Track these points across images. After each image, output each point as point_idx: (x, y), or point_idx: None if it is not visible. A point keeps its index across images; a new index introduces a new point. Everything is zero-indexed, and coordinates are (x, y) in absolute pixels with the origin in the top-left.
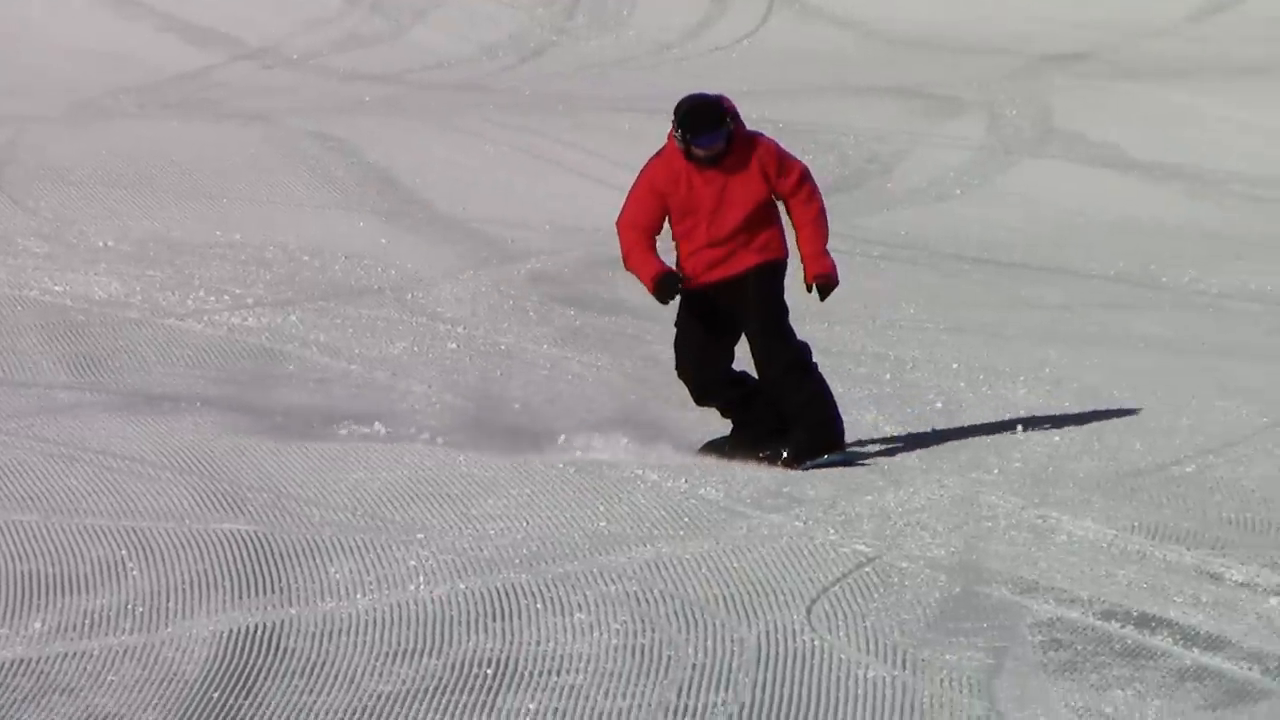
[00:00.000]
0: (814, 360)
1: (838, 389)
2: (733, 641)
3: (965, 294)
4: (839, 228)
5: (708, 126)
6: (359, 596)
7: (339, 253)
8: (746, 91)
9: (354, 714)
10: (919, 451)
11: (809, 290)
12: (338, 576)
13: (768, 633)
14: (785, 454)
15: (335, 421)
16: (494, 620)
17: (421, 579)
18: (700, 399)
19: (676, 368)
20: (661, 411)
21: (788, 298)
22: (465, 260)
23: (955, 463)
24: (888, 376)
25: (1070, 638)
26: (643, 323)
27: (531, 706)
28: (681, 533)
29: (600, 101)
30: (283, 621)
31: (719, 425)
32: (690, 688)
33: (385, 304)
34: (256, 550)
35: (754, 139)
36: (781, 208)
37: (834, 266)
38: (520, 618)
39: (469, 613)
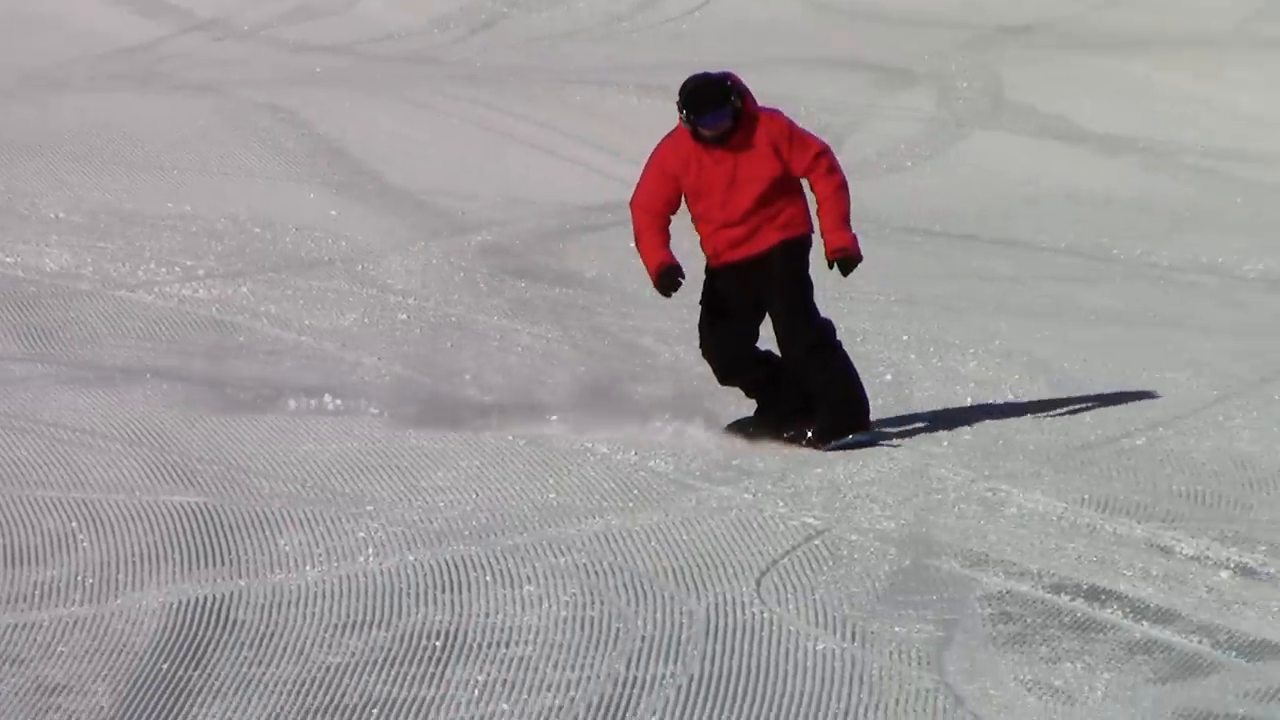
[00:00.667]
0: (838, 339)
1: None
2: (682, 614)
3: (916, 266)
4: None
5: (711, 106)
6: (308, 568)
7: (289, 224)
8: (697, 63)
9: (303, 685)
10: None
11: (830, 266)
12: (287, 548)
13: (717, 605)
14: (810, 434)
15: (285, 393)
16: (443, 592)
17: (371, 551)
18: (724, 379)
19: (700, 347)
20: (611, 384)
21: (812, 274)
22: (416, 232)
23: (904, 435)
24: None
25: (1020, 611)
26: (593, 294)
27: (480, 678)
28: (631, 505)
29: (551, 74)
30: (232, 593)
31: (674, 399)
32: (639, 659)
33: (335, 276)
34: (206, 522)
35: (764, 116)
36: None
37: (854, 241)
38: (469, 590)
39: (418, 585)
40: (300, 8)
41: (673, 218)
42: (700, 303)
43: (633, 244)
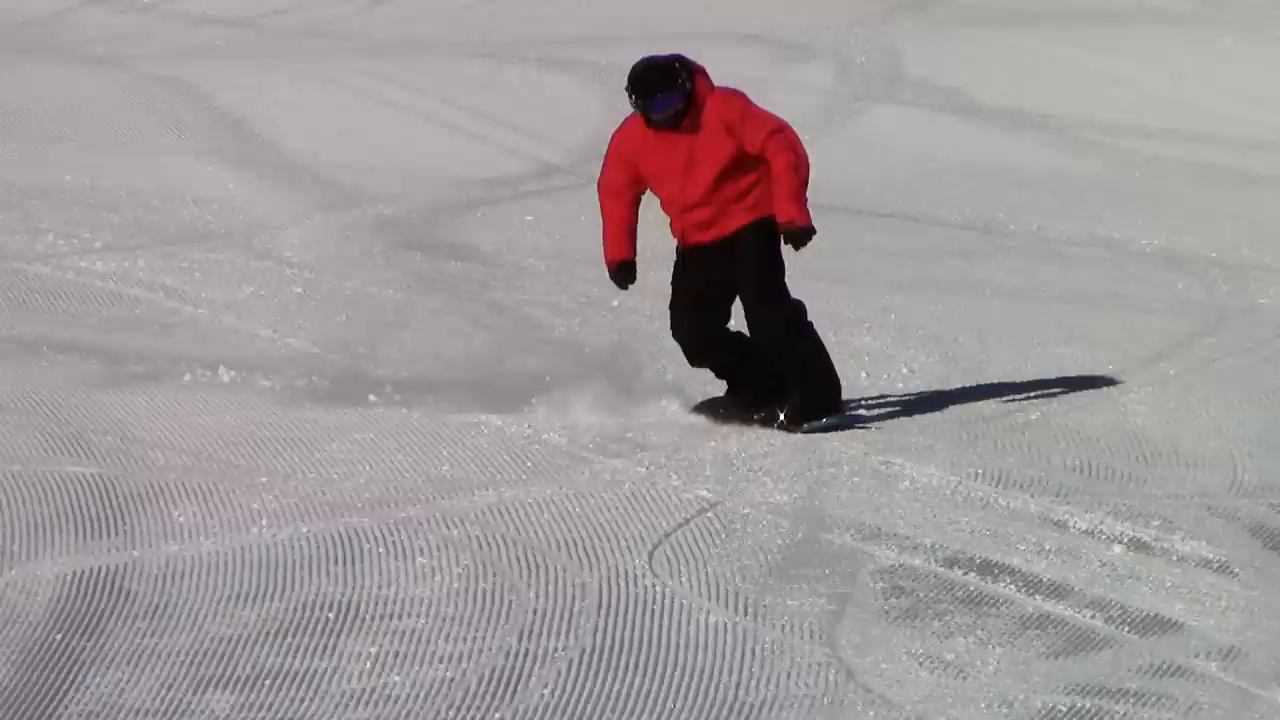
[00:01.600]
0: (809, 320)
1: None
2: (574, 586)
3: (813, 240)
4: None
5: (658, 89)
6: (203, 540)
7: (187, 197)
8: (596, 37)
9: (197, 656)
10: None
11: (784, 242)
12: (182, 520)
13: (609, 578)
14: (783, 417)
15: (181, 366)
16: (336, 564)
17: (265, 523)
18: (694, 360)
19: (671, 329)
20: (506, 356)
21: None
22: (312, 205)
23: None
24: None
25: (912, 585)
26: (489, 268)
27: (373, 650)
28: (524, 477)
29: (449, 47)
30: (126, 564)
31: (569, 373)
32: (531, 632)
33: (232, 248)
34: (101, 494)
35: (716, 96)
36: None
37: (802, 212)
38: (362, 562)
39: (312, 556)
40: None
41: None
42: (671, 283)
43: (529, 217)
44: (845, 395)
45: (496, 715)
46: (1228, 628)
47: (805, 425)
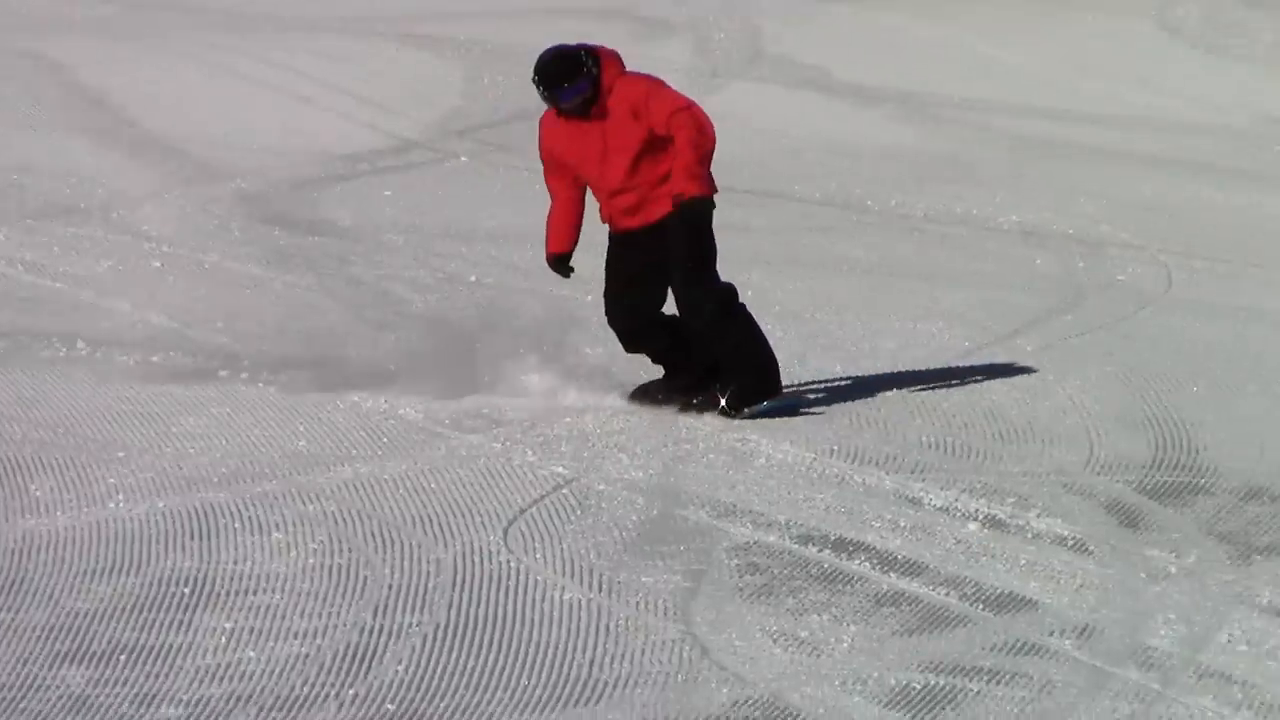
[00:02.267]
0: (740, 303)
1: (538, 313)
2: (429, 562)
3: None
4: None
5: (564, 79)
6: (59, 514)
7: (46, 171)
8: (457, 12)
9: (52, 631)
10: (618, 373)
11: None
12: (38, 494)
13: (464, 554)
14: (722, 402)
15: (39, 340)
16: (192, 539)
17: (121, 497)
18: (629, 347)
19: (605, 315)
20: (364, 331)
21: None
22: (171, 179)
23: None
24: (590, 299)
25: (767, 561)
26: (347, 243)
27: (228, 625)
28: (380, 453)
29: (308, 22)
30: None
31: (426, 348)
32: (386, 608)
33: (91, 223)
34: None
35: (624, 81)
36: None
37: (696, 185)
38: (218, 537)
39: (167, 531)
40: None
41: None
42: (605, 270)
43: (387, 192)
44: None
45: (351, 691)
46: (1082, 606)
47: (746, 410)
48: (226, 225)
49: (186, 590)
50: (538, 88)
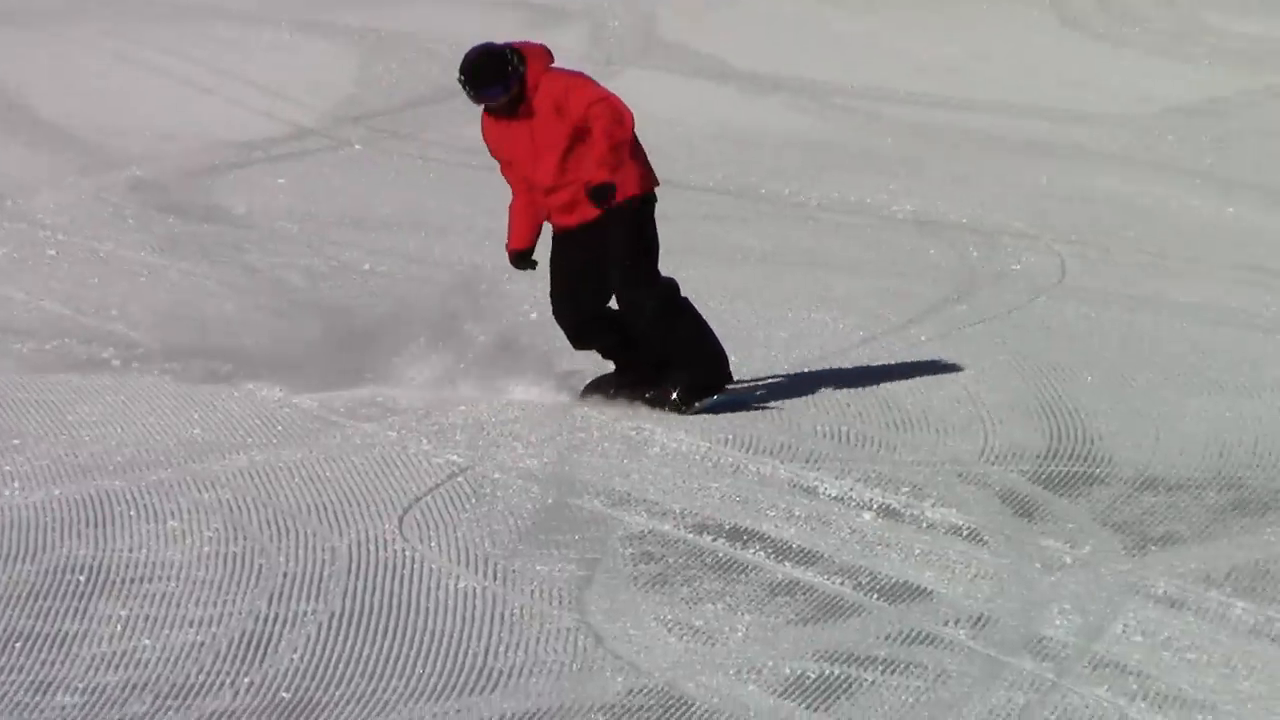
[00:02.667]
0: (684, 297)
1: (433, 301)
2: (324, 550)
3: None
4: (439, 138)
5: (488, 79)
6: None
7: None
8: (345, 2)
9: None
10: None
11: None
12: None
13: (359, 542)
14: (675, 396)
15: None
16: (88, 527)
17: (17, 485)
18: (577, 344)
19: (553, 313)
20: (259, 319)
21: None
22: (66, 167)
23: (550, 374)
24: (484, 286)
25: (662, 550)
26: (241, 231)
27: (123, 613)
28: (275, 441)
29: (201, 10)
30: None
31: (320, 335)
32: (281, 596)
33: None
34: None
35: (547, 78)
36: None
37: (603, 170)
38: (114, 524)
39: (63, 519)
40: None
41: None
42: (550, 267)
43: (282, 180)
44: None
45: (246, 679)
46: (977, 595)
47: (696, 404)
48: (121, 213)
49: (82, 578)
50: (464, 87)
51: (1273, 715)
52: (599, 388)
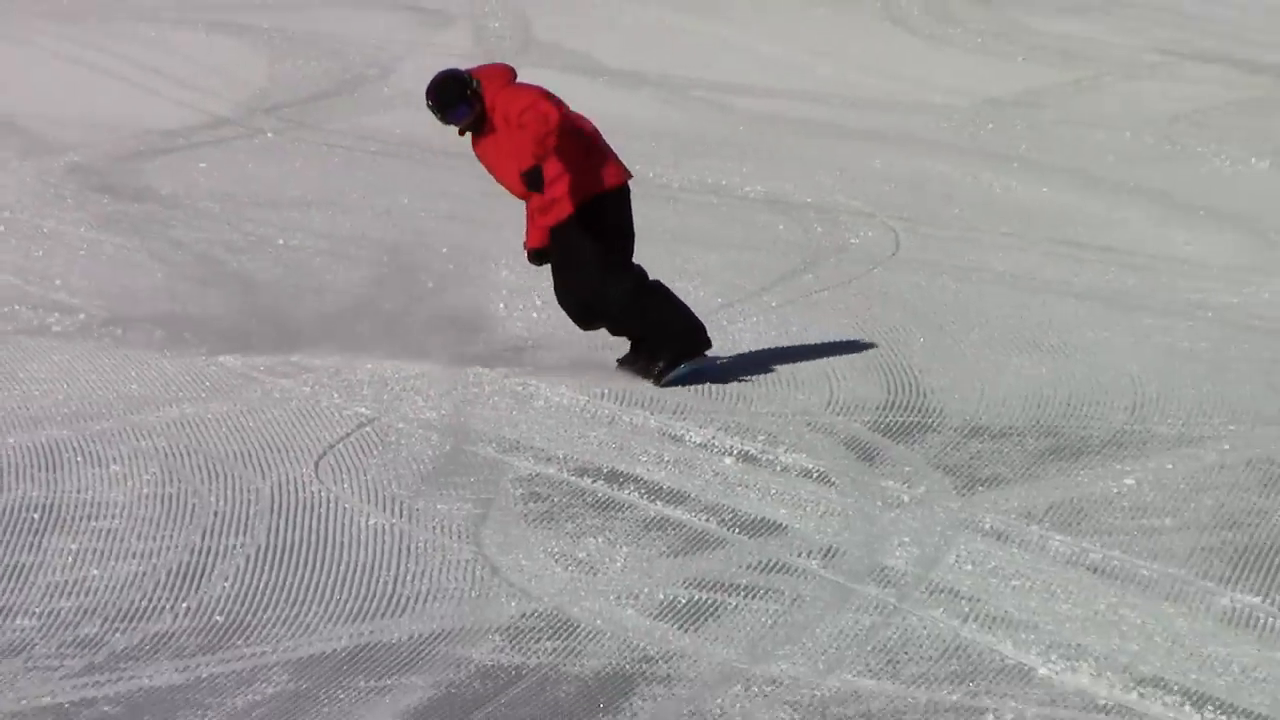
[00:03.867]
0: (653, 280)
1: (340, 272)
2: (249, 491)
3: (450, 184)
4: (343, 127)
5: (450, 102)
6: None
7: None
8: (255, 4)
9: None
10: (405, 332)
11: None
12: None
13: (280, 484)
14: (660, 368)
15: None
16: (40, 471)
17: None
18: (582, 325)
19: (557, 301)
20: (186, 289)
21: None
22: (10, 152)
23: (445, 336)
24: (385, 259)
25: (548, 491)
26: (168, 209)
27: (74, 547)
28: (204, 396)
29: (127, 12)
30: None
31: (240, 303)
32: (213, 531)
33: None
34: None
35: (502, 95)
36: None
37: (529, 160)
38: (63, 469)
39: (18, 464)
40: None
41: None
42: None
43: (203, 164)
44: (485, 327)
45: (184, 604)
46: (826, 530)
47: (668, 376)
48: (61, 194)
49: (36, 516)
50: (432, 111)
51: (1086, 633)
52: (628, 364)
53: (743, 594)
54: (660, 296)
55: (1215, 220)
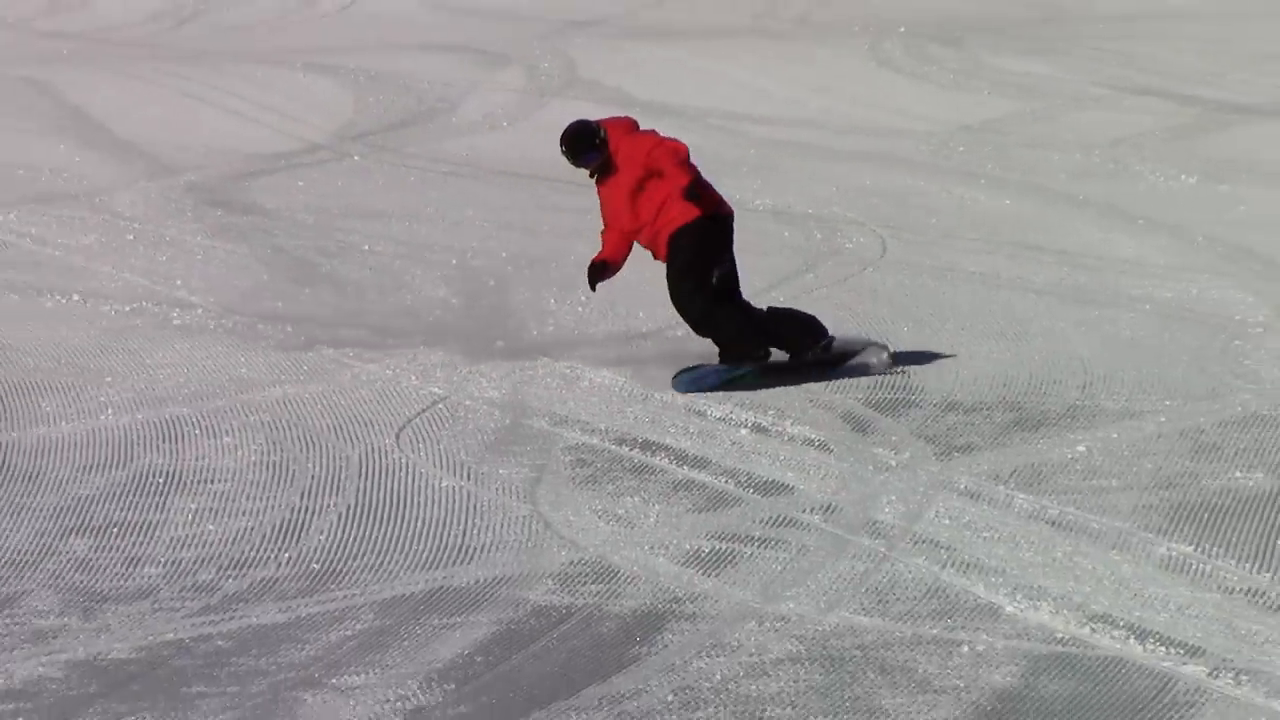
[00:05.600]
0: (731, 302)
1: (416, 273)
2: (341, 459)
3: (508, 199)
4: (417, 151)
5: (581, 149)
6: (64, 424)
7: (45, 168)
8: (349, 47)
9: (61, 511)
10: (471, 324)
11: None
12: (48, 409)
13: (367, 452)
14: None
15: (44, 293)
16: (164, 442)
17: (110, 411)
18: (698, 332)
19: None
20: (285, 288)
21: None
22: (139, 174)
23: (503, 329)
24: (454, 262)
25: (592, 458)
26: (271, 221)
27: (193, 506)
28: (302, 378)
29: (238, 56)
30: (7, 443)
31: (332, 301)
32: (310, 493)
33: (80, 206)
34: None
35: (625, 142)
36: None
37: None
38: (183, 440)
39: (145, 437)
40: (50, 5)
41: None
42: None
43: (300, 183)
44: (537, 320)
45: (285, 555)
46: (826, 490)
47: (734, 368)
48: (181, 208)
49: (161, 480)
50: (565, 156)
51: (1046, 577)
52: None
53: (756, 544)
54: (732, 306)
55: (1152, 227)
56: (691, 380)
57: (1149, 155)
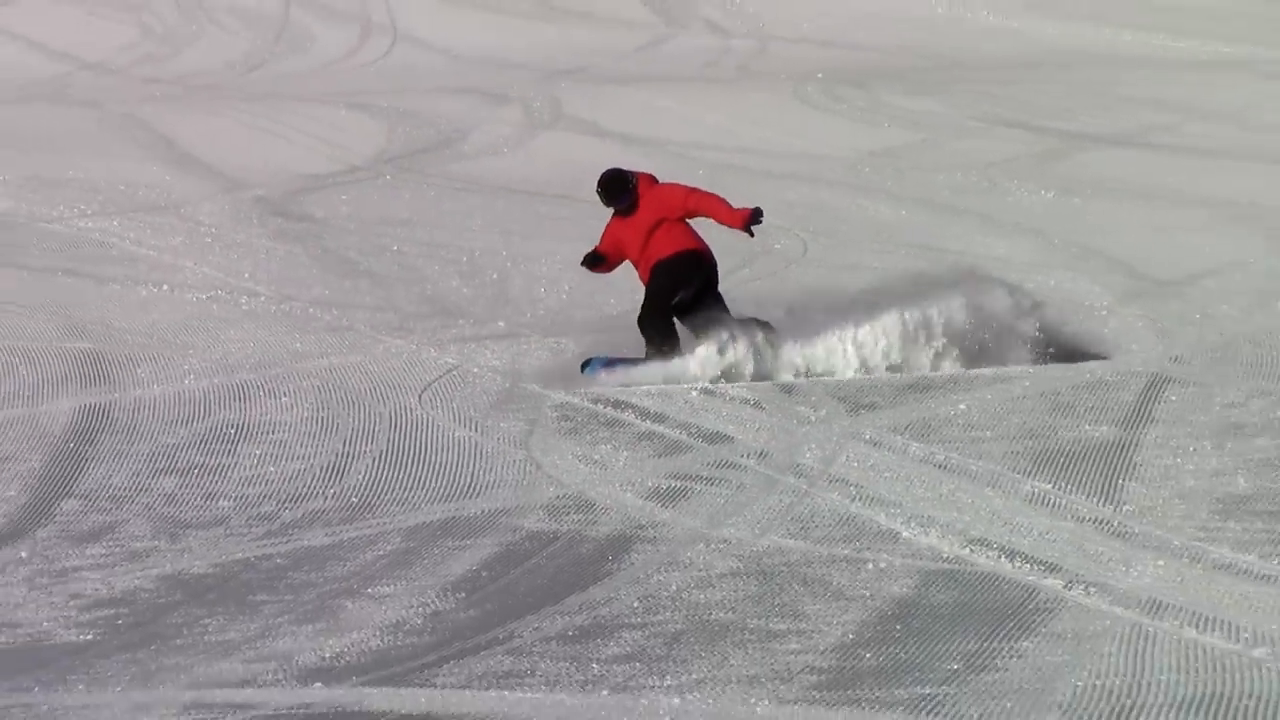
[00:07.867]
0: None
1: (435, 269)
2: (375, 415)
3: (508, 210)
4: (436, 171)
5: (616, 193)
6: (155, 386)
7: (141, 184)
8: (384, 89)
9: (153, 456)
10: (478, 308)
11: (751, 235)
12: (143, 375)
13: (396, 410)
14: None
15: (140, 283)
16: (234, 401)
17: (191, 376)
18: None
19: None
20: (332, 280)
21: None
22: (216, 189)
23: (503, 312)
24: (464, 260)
25: (573, 414)
26: (320, 227)
27: (257, 452)
28: (344, 350)
29: (297, 96)
30: (110, 401)
31: (376, 292)
32: (350, 441)
33: (168, 214)
34: (94, 360)
35: (650, 191)
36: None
37: (748, 211)
38: (249, 400)
39: (220, 397)
40: (146, 55)
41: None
42: None
43: (344, 196)
44: (531, 304)
45: (331, 490)
46: (760, 440)
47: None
48: (248, 216)
49: (232, 431)
50: (600, 196)
51: (934, 509)
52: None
53: (704, 483)
54: (652, 328)
55: (1019, 232)
56: (594, 368)
57: (1016, 175)
